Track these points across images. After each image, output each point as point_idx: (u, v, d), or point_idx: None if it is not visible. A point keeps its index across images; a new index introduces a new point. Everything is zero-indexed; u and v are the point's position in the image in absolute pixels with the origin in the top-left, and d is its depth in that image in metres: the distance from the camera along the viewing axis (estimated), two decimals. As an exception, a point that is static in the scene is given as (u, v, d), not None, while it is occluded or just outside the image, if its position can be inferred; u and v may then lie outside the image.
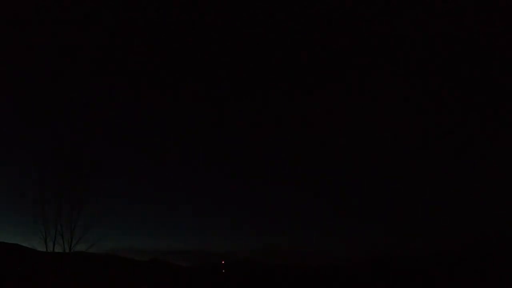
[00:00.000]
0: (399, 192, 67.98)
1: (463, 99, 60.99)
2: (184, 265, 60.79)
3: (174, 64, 76.23)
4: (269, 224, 79.69)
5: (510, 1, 50.27)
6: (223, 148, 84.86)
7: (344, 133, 70.94)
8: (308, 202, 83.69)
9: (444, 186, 63.34)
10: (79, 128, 53.58)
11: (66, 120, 56.45)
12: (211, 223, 78.25)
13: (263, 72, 73.39)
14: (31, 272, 33.92)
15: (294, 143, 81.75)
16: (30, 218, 28.68)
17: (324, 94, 69.89)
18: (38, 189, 29.55)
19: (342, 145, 70.63)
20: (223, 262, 58.07)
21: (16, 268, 37.27)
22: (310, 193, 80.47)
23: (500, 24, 51.55)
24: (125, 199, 64.95)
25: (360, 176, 71.22)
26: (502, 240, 40.77)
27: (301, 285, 45.21)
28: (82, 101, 78.87)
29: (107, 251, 43.12)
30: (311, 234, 76.09)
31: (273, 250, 65.90)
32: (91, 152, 35.77)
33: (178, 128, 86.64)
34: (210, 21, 64.39)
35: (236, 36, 68.21)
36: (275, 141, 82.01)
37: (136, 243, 75.44)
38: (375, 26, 60.17)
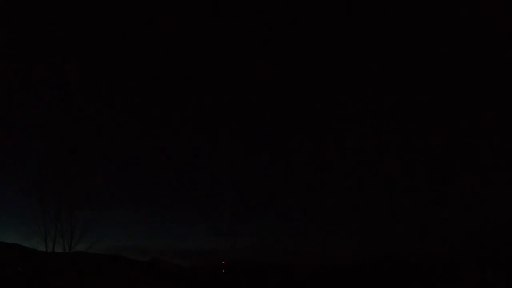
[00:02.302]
0: (399, 192, 68.06)
1: (463, 99, 61.07)
2: (184, 265, 60.81)
3: (174, 63, 76.23)
4: (269, 224, 79.63)
5: (510, 1, 50.35)
6: (222, 148, 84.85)
7: (344, 133, 71.01)
8: (308, 202, 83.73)
9: (444, 186, 63.38)
10: (79, 128, 53.58)
11: (66, 119, 56.50)
12: (212, 223, 78.19)
13: (263, 72, 73.44)
14: (31, 272, 33.95)
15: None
16: (30, 218, 28.80)
17: (324, 95, 70.00)
18: (38, 189, 29.69)
19: (342, 145, 70.74)
20: (223, 262, 58.09)
21: (16, 268, 37.29)
22: (310, 193, 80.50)
23: (500, 24, 51.64)
24: (125, 199, 65.02)
25: (360, 176, 71.23)
26: (502, 240, 40.79)
27: (301, 285, 45.20)
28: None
29: (107, 251, 43.21)
30: (311, 234, 76.05)
31: (273, 250, 65.87)
32: (91, 151, 35.86)
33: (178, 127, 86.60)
34: (209, 21, 64.49)
35: (236, 36, 68.29)
36: (274, 141, 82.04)
37: (136, 243, 75.26)
38: (375, 27, 60.24)
